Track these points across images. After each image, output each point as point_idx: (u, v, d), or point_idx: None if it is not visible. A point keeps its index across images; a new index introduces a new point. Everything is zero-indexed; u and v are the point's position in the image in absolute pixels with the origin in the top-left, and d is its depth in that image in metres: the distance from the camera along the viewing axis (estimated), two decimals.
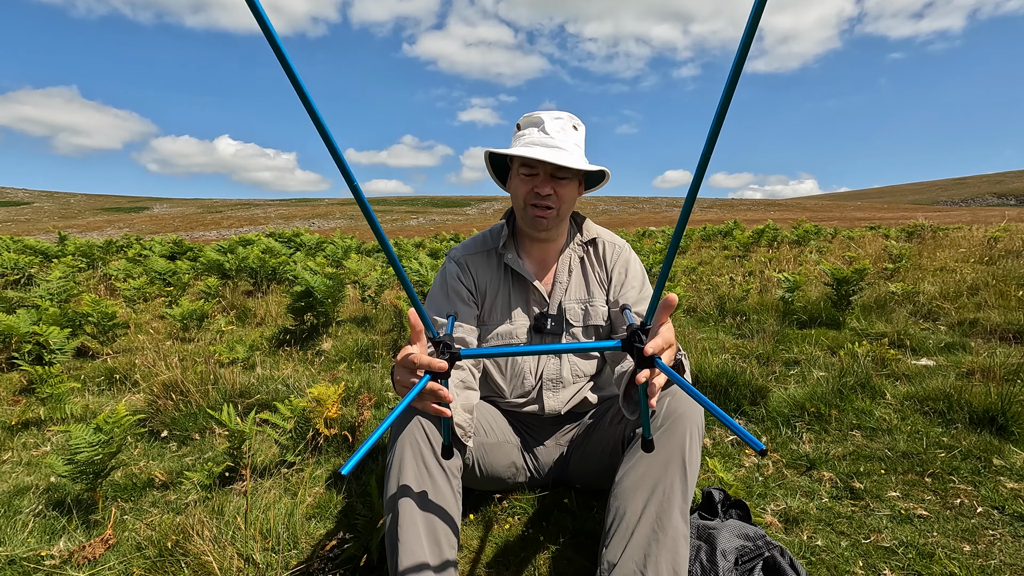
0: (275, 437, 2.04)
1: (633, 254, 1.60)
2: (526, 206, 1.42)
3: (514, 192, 1.45)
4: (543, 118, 1.38)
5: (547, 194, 1.38)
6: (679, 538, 1.07)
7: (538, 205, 1.40)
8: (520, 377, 1.53)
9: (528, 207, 1.41)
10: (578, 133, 1.41)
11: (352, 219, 67.90)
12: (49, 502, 1.79)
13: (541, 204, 1.40)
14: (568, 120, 1.40)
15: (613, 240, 1.60)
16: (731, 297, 4.47)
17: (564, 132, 1.37)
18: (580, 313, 1.52)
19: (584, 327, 1.52)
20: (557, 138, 1.36)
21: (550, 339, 1.50)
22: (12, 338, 3.44)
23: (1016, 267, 4.92)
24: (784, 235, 10.04)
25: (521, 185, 1.41)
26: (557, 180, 1.39)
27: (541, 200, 1.39)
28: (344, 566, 1.38)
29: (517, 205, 1.46)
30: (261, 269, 6.51)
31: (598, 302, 1.53)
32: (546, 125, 1.37)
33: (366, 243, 12.20)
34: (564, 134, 1.37)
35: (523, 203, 1.42)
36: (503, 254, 1.52)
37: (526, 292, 1.52)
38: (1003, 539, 1.40)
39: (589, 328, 1.53)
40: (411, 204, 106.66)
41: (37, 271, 6.84)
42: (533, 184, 1.39)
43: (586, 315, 1.52)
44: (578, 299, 1.53)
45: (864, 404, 2.21)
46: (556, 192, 1.39)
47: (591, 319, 1.52)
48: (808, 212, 47.08)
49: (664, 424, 1.19)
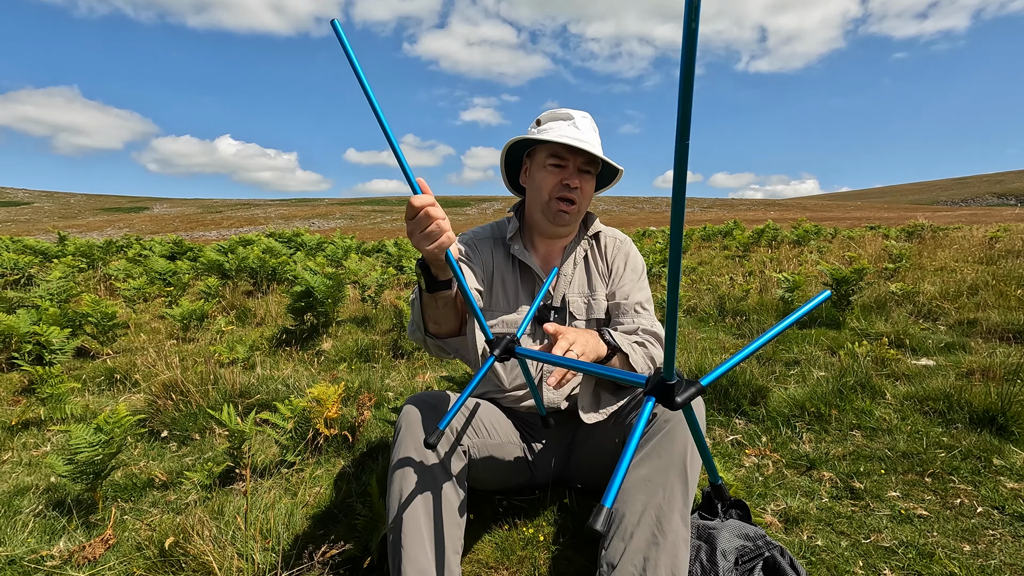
0: (275, 437, 2.04)
1: (634, 248, 1.61)
2: (551, 199, 1.42)
3: (539, 185, 1.44)
4: (572, 114, 1.40)
5: (576, 186, 1.40)
6: (679, 542, 1.06)
7: (564, 198, 1.41)
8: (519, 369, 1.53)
9: (553, 200, 1.42)
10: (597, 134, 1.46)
11: (352, 219, 67.90)
12: (49, 502, 1.79)
13: (567, 197, 1.41)
14: (591, 121, 1.44)
15: (615, 235, 1.62)
16: (731, 297, 4.47)
17: (592, 131, 1.41)
18: (583, 306, 1.53)
19: (587, 320, 1.53)
20: (587, 134, 1.39)
21: None
22: (12, 338, 3.44)
23: (1016, 267, 4.92)
24: (784, 235, 10.04)
25: (549, 177, 1.41)
26: (583, 174, 1.42)
27: (569, 192, 1.41)
28: (344, 566, 1.38)
29: (540, 198, 1.45)
30: (261, 269, 6.51)
31: (600, 295, 1.55)
32: (576, 120, 1.39)
33: (366, 243, 12.20)
34: (591, 132, 1.41)
35: (548, 196, 1.42)
36: (511, 245, 1.53)
37: (531, 284, 1.54)
38: (1003, 539, 1.40)
39: (591, 321, 1.54)
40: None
41: (37, 271, 6.83)
42: (562, 176, 1.40)
43: (588, 308, 1.53)
44: (581, 292, 1.54)
45: (864, 404, 2.21)
46: (581, 186, 1.42)
47: (593, 312, 1.53)
48: (808, 212, 47.08)
49: (665, 427, 1.18)
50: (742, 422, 2.21)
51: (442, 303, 1.19)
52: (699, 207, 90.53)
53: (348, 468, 1.92)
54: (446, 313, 1.22)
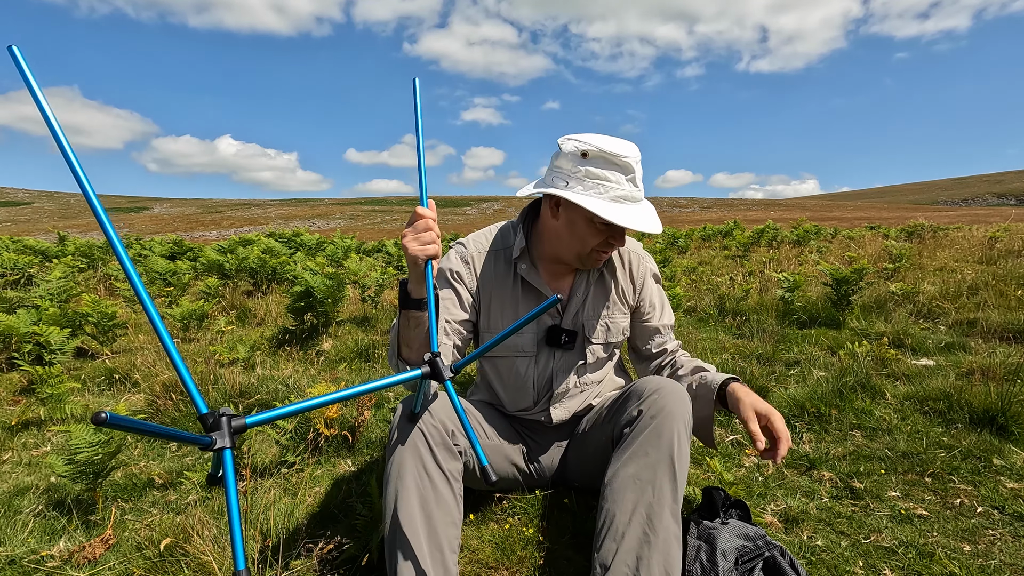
0: (275, 437, 2.04)
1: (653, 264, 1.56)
2: (592, 252, 1.33)
3: (580, 236, 1.31)
4: (633, 167, 1.22)
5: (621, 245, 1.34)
6: (670, 539, 1.06)
7: (606, 252, 1.35)
8: (522, 392, 1.49)
9: (594, 252, 1.34)
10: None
11: (352, 219, 67.92)
12: (49, 502, 1.79)
13: (608, 252, 1.35)
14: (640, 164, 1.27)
15: (637, 248, 1.54)
16: (731, 297, 4.47)
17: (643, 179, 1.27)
18: (600, 329, 1.47)
19: (605, 344, 1.49)
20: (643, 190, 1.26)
21: (560, 353, 1.46)
22: (12, 338, 3.44)
23: (1016, 267, 4.92)
24: (784, 235, 10.04)
25: (595, 234, 1.30)
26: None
27: (610, 249, 1.34)
28: (344, 566, 1.38)
29: (575, 247, 1.34)
30: (261, 269, 6.51)
31: (618, 318, 1.49)
32: (636, 177, 1.23)
33: (366, 243, 12.20)
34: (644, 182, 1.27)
35: (590, 250, 1.33)
36: (518, 263, 1.41)
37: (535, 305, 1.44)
38: (1003, 539, 1.40)
39: (610, 345, 1.50)
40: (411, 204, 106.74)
41: (37, 271, 6.84)
42: (609, 235, 1.30)
43: (607, 331, 1.48)
44: (596, 314, 1.47)
45: (864, 404, 2.21)
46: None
47: (612, 336, 1.49)
48: (808, 212, 47.08)
49: (651, 423, 1.18)
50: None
51: (414, 323, 1.15)
52: (699, 207, 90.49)
53: (348, 468, 1.92)
54: (418, 335, 1.17)
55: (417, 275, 1.09)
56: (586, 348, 1.47)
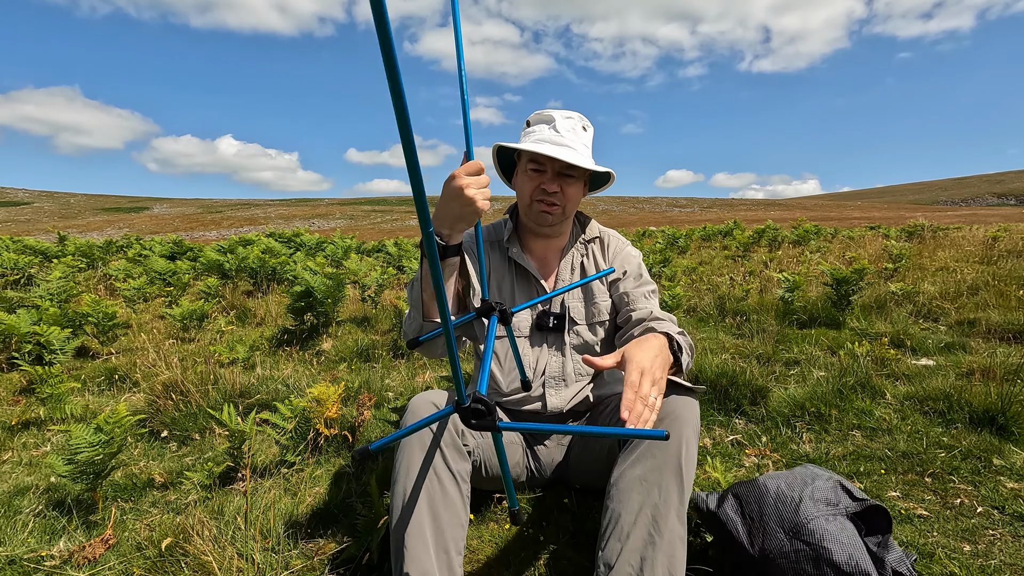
0: (275, 437, 2.04)
1: (633, 248, 1.63)
2: (532, 202, 1.44)
3: (520, 188, 1.46)
4: (554, 116, 1.39)
5: (553, 191, 1.40)
6: (675, 540, 1.06)
7: (544, 201, 1.42)
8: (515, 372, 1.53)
9: (534, 203, 1.43)
10: (587, 134, 1.42)
11: (352, 219, 67.92)
12: (49, 502, 1.79)
13: (547, 200, 1.42)
14: (578, 120, 1.41)
15: (616, 235, 1.64)
16: (731, 297, 4.47)
17: (574, 132, 1.38)
18: (583, 311, 1.54)
19: (589, 324, 1.54)
20: (567, 137, 1.37)
21: (552, 336, 1.53)
22: (12, 338, 3.45)
23: (1016, 267, 4.92)
24: (784, 235, 10.04)
25: (528, 181, 1.43)
26: (564, 178, 1.40)
27: (547, 196, 1.41)
28: (344, 566, 1.38)
29: (523, 201, 1.47)
30: (261, 269, 6.51)
31: (600, 300, 1.55)
32: (557, 123, 1.37)
33: (366, 243, 12.20)
34: (574, 134, 1.38)
35: (529, 199, 1.44)
36: (508, 247, 1.53)
37: (529, 288, 1.54)
38: (1003, 539, 1.40)
39: (594, 325, 1.54)
40: (412, 204, 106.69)
41: (37, 271, 6.84)
42: (540, 181, 1.41)
43: (589, 313, 1.54)
44: (580, 297, 1.55)
45: (864, 404, 2.21)
46: (563, 190, 1.41)
47: (595, 316, 1.54)
48: (808, 212, 47.07)
49: (660, 426, 1.18)
50: (742, 422, 2.21)
51: (448, 272, 1.16)
52: (699, 207, 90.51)
53: (348, 468, 1.92)
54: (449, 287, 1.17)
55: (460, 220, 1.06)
56: (572, 328, 1.53)
